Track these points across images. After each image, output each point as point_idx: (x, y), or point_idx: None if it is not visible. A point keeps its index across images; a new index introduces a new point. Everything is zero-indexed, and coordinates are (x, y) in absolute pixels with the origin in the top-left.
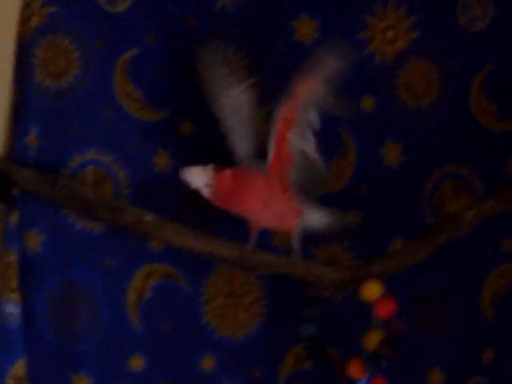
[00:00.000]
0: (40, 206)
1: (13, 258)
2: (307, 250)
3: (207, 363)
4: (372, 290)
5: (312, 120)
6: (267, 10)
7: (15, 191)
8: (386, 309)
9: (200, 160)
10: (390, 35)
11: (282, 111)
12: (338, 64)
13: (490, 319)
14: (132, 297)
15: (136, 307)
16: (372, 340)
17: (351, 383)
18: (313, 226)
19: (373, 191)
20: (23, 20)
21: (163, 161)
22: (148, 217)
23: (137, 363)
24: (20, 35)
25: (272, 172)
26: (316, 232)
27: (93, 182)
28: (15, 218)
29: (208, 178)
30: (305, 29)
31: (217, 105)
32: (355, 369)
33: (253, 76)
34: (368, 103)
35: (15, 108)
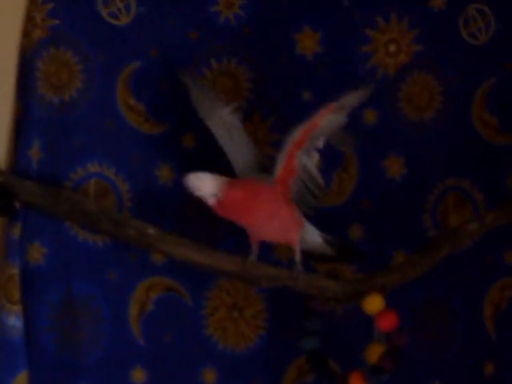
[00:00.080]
0: (42, 219)
1: (15, 271)
2: (309, 263)
3: (208, 376)
4: (374, 303)
5: (319, 142)
6: (269, 24)
7: (17, 204)
8: (388, 322)
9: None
10: (393, 48)
11: (297, 136)
12: (359, 98)
13: (492, 332)
14: (134, 309)
15: (138, 320)
16: (373, 353)
17: None
18: (307, 242)
19: (375, 204)
20: (26, 33)
21: (165, 174)
22: (151, 230)
23: (138, 376)
24: (22, 48)
25: (279, 185)
26: (311, 250)
27: (95, 195)
28: (17, 231)
29: (217, 188)
30: (307, 42)
31: (209, 124)
32: (357, 382)
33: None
34: (370, 116)
35: (18, 121)
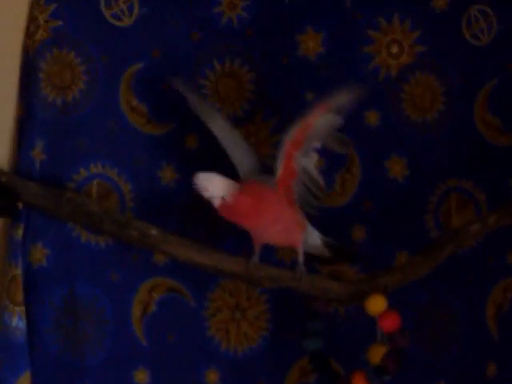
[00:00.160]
0: (45, 220)
1: (18, 272)
2: (311, 264)
3: (211, 377)
4: (376, 304)
5: (316, 142)
6: (272, 25)
7: (20, 205)
8: (391, 323)
9: None
10: (395, 49)
11: (293, 135)
12: (350, 98)
13: (494, 333)
14: (137, 310)
15: (141, 321)
16: (376, 354)
17: None
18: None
19: (377, 205)
20: (29, 34)
21: (168, 175)
22: (153, 231)
23: (141, 377)
24: (26, 49)
25: (280, 187)
26: (312, 252)
27: (98, 196)
28: (20, 232)
29: (226, 191)
30: (310, 43)
31: (211, 127)
32: (359, 382)
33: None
34: (373, 117)
35: (21, 122)
